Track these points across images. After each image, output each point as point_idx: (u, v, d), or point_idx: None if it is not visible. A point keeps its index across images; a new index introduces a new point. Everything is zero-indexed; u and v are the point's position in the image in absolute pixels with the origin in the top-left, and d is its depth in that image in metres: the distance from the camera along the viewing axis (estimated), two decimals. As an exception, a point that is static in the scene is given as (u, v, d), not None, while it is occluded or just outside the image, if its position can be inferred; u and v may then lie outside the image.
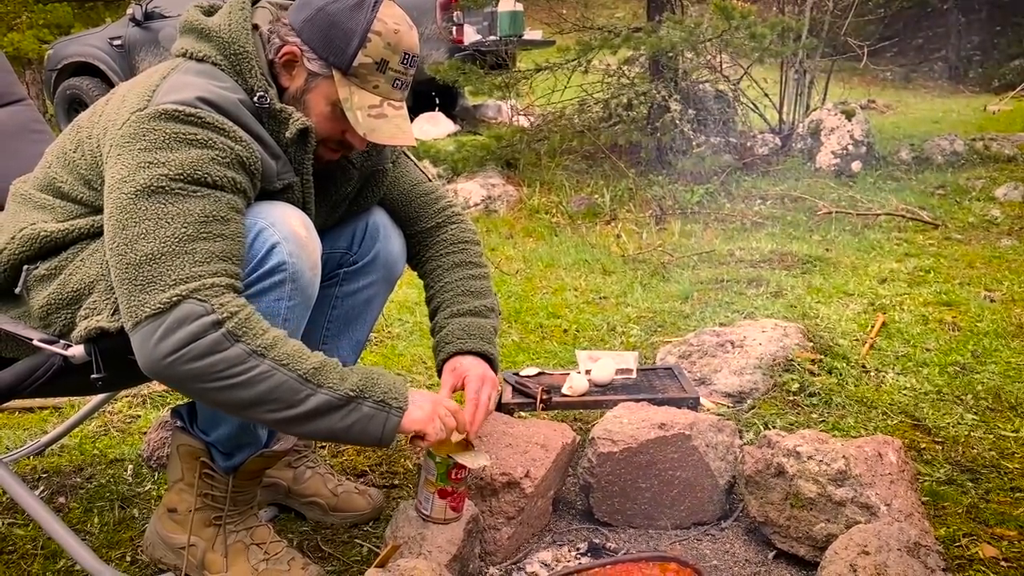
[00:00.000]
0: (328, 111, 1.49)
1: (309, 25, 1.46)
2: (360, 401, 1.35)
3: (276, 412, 1.31)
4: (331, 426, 1.34)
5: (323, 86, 1.47)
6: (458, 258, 1.79)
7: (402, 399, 1.40)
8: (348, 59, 1.44)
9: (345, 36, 1.43)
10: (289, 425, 1.35)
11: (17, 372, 1.50)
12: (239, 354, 1.27)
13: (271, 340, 1.30)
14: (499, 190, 5.70)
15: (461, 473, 1.50)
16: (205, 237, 1.30)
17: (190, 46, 1.46)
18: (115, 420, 2.52)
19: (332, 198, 1.66)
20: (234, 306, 1.29)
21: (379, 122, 1.47)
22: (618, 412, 1.85)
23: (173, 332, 1.25)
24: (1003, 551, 1.64)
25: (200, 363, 1.26)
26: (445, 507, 1.52)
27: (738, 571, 1.64)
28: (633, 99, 6.00)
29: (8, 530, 1.89)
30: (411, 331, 3.20)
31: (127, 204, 1.30)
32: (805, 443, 1.64)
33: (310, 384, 1.31)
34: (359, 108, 1.46)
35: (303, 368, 1.31)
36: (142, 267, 1.28)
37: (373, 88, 1.47)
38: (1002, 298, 3.23)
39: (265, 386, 1.29)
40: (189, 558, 1.56)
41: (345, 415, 1.34)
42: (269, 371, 1.29)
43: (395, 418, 1.38)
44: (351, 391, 1.34)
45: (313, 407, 1.31)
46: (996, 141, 6.39)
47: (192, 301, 1.26)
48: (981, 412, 2.24)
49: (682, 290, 3.50)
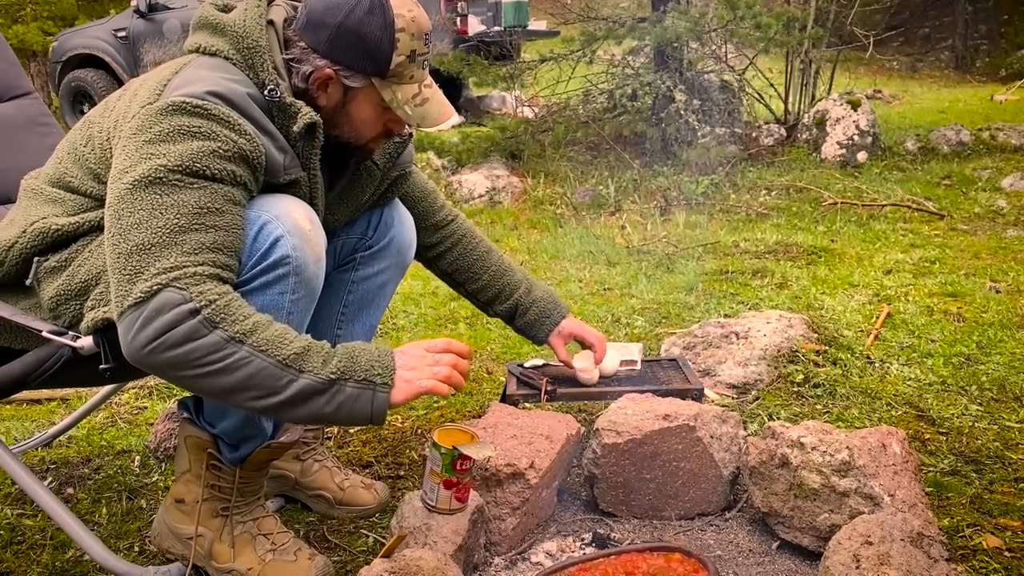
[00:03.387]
0: (373, 113, 1.53)
1: (337, 46, 1.46)
2: (343, 383, 1.33)
3: (260, 399, 1.31)
4: (318, 410, 1.33)
5: (363, 94, 1.51)
6: (484, 245, 1.95)
7: (386, 372, 1.36)
8: (385, 65, 1.47)
9: (376, 45, 1.45)
10: (276, 411, 1.34)
11: (26, 363, 1.51)
12: (216, 341, 1.26)
13: (251, 326, 1.29)
14: (503, 181, 5.70)
15: (466, 464, 1.51)
16: (197, 228, 1.30)
17: (203, 41, 1.47)
18: (122, 411, 2.53)
19: (356, 200, 1.69)
20: (213, 294, 1.28)
21: (424, 108, 1.51)
22: (622, 403, 1.86)
23: (151, 321, 1.25)
24: (1006, 541, 1.64)
25: (177, 351, 1.26)
26: (450, 498, 1.53)
27: (742, 561, 1.65)
28: (638, 89, 6.00)
29: (17, 520, 1.91)
30: (416, 322, 3.21)
31: (124, 194, 1.31)
32: (809, 434, 1.64)
33: (291, 369, 1.30)
34: (405, 103, 1.50)
35: (283, 354, 1.30)
36: (132, 257, 1.28)
37: (410, 79, 1.51)
38: (1008, 289, 3.22)
39: (245, 372, 1.28)
40: (196, 548, 1.58)
41: (330, 398, 1.32)
42: (248, 357, 1.28)
43: (381, 394, 1.35)
44: (332, 374, 1.32)
45: (295, 392, 1.30)
46: (1003, 131, 6.37)
47: (171, 289, 1.26)
48: (986, 403, 2.24)
49: (687, 281, 3.50)
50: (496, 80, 6.56)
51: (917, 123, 7.20)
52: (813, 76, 6.51)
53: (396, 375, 1.37)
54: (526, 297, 1.94)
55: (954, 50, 13.48)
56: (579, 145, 6.28)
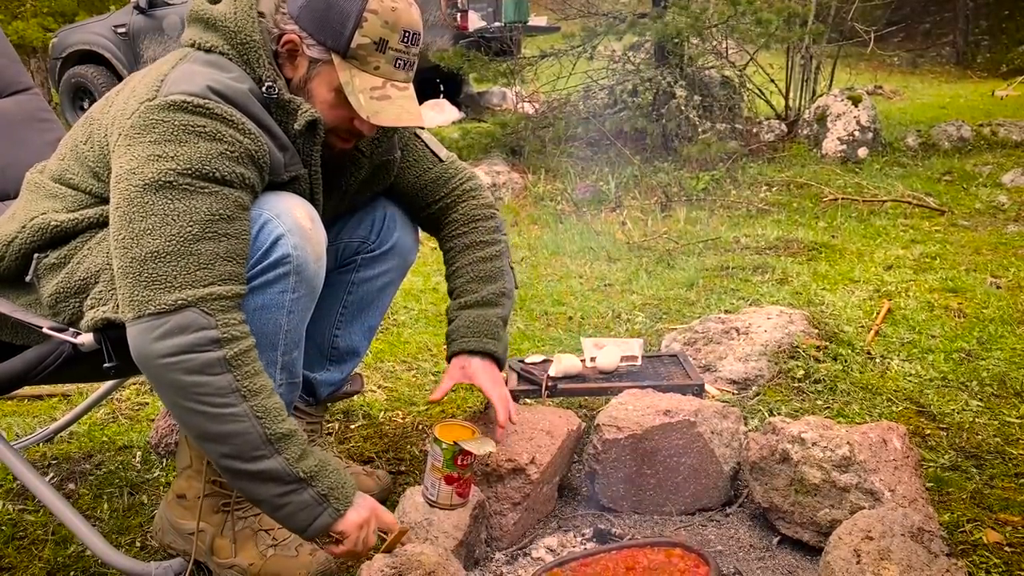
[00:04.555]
0: (332, 98, 1.47)
1: (306, 11, 1.43)
2: (306, 486, 1.33)
3: (227, 458, 1.31)
4: (268, 495, 1.33)
5: (324, 72, 1.46)
6: (469, 239, 1.77)
7: (344, 501, 1.38)
8: (345, 41, 1.41)
9: (341, 17, 1.41)
10: (234, 476, 1.34)
11: (27, 360, 1.52)
12: (223, 386, 1.27)
13: (258, 387, 1.31)
14: (504, 177, 5.70)
15: (467, 459, 1.51)
16: (210, 237, 1.30)
17: (197, 36, 1.46)
18: (123, 407, 2.54)
19: (342, 187, 1.66)
20: (238, 330, 1.30)
21: (383, 104, 1.45)
22: (623, 399, 1.86)
23: (173, 335, 1.26)
24: (1007, 536, 1.64)
25: (188, 378, 1.27)
26: (451, 493, 1.53)
27: (743, 556, 1.65)
28: (638, 85, 6.00)
29: (19, 516, 1.91)
30: (416, 318, 3.21)
31: (135, 197, 1.30)
32: (810, 429, 1.64)
33: (271, 447, 1.30)
34: (361, 91, 1.43)
35: (273, 429, 1.30)
36: (147, 263, 1.28)
37: (374, 69, 1.44)
38: (1008, 284, 3.22)
39: (230, 428, 1.28)
40: (198, 544, 1.58)
41: (286, 493, 1.33)
42: (242, 416, 1.28)
43: (328, 518, 1.36)
44: (303, 472, 1.33)
45: (261, 470, 1.30)
46: (1003, 127, 6.36)
47: (196, 311, 1.27)
48: (986, 398, 2.25)
49: (687, 277, 3.50)
50: (496, 76, 6.54)
51: (918, 119, 7.18)
52: (814, 72, 6.50)
53: (349, 510, 1.38)
54: (455, 311, 1.77)
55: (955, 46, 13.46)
56: (580, 141, 6.26)
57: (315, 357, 1.80)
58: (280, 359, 1.47)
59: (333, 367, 1.83)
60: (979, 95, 9.41)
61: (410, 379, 2.63)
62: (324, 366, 1.82)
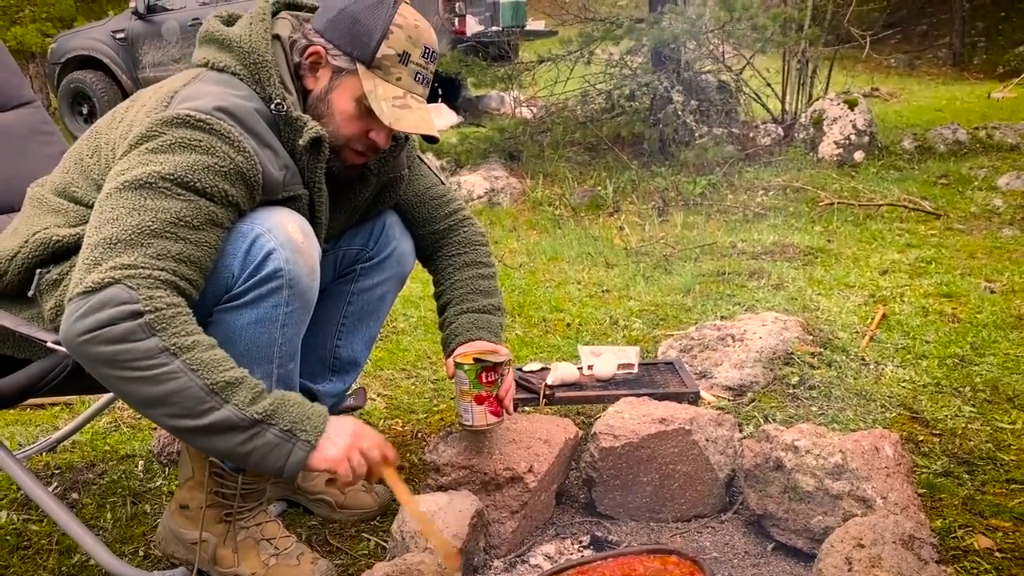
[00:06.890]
0: (352, 108, 1.52)
1: (332, 25, 1.52)
2: (266, 426, 1.29)
3: (176, 418, 1.27)
4: (231, 446, 1.29)
5: (347, 82, 1.51)
6: (468, 258, 1.84)
7: (313, 432, 1.33)
8: (372, 51, 1.49)
9: (368, 30, 1.49)
10: (188, 436, 1.31)
11: (31, 374, 1.54)
12: (150, 348, 1.24)
13: (190, 342, 1.27)
14: (502, 182, 5.72)
15: (491, 376, 1.57)
16: (168, 236, 1.29)
17: (211, 56, 1.50)
18: (125, 416, 2.56)
19: (351, 204, 1.70)
20: (162, 302, 1.26)
21: (403, 112, 1.51)
22: (620, 407, 1.89)
23: (94, 312, 1.24)
24: (998, 542, 1.67)
25: (110, 348, 1.23)
26: (485, 412, 1.60)
27: (738, 563, 1.67)
28: (636, 90, 6.02)
29: (23, 526, 1.93)
30: (415, 326, 3.24)
31: (112, 192, 1.32)
32: (803, 437, 1.66)
33: (216, 397, 1.26)
34: (384, 99, 1.50)
35: (213, 379, 1.26)
36: (96, 249, 1.28)
37: (396, 80, 1.51)
38: (1002, 289, 3.25)
39: (168, 387, 1.25)
40: (201, 553, 1.60)
41: (247, 439, 1.29)
42: (176, 372, 1.24)
43: (300, 452, 1.31)
44: (257, 414, 1.28)
45: (212, 422, 1.27)
46: (999, 130, 6.38)
47: (121, 286, 1.24)
48: (979, 404, 2.27)
49: (684, 283, 3.53)
50: (494, 80, 6.57)
51: (914, 122, 7.21)
52: (810, 75, 6.52)
53: (322, 438, 1.34)
54: (453, 315, 1.79)
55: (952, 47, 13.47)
56: (577, 146, 6.30)
57: (317, 368, 1.83)
58: (276, 371, 1.48)
59: (335, 377, 1.86)
60: (976, 97, 9.43)
61: (409, 387, 2.65)
62: (327, 377, 1.85)
